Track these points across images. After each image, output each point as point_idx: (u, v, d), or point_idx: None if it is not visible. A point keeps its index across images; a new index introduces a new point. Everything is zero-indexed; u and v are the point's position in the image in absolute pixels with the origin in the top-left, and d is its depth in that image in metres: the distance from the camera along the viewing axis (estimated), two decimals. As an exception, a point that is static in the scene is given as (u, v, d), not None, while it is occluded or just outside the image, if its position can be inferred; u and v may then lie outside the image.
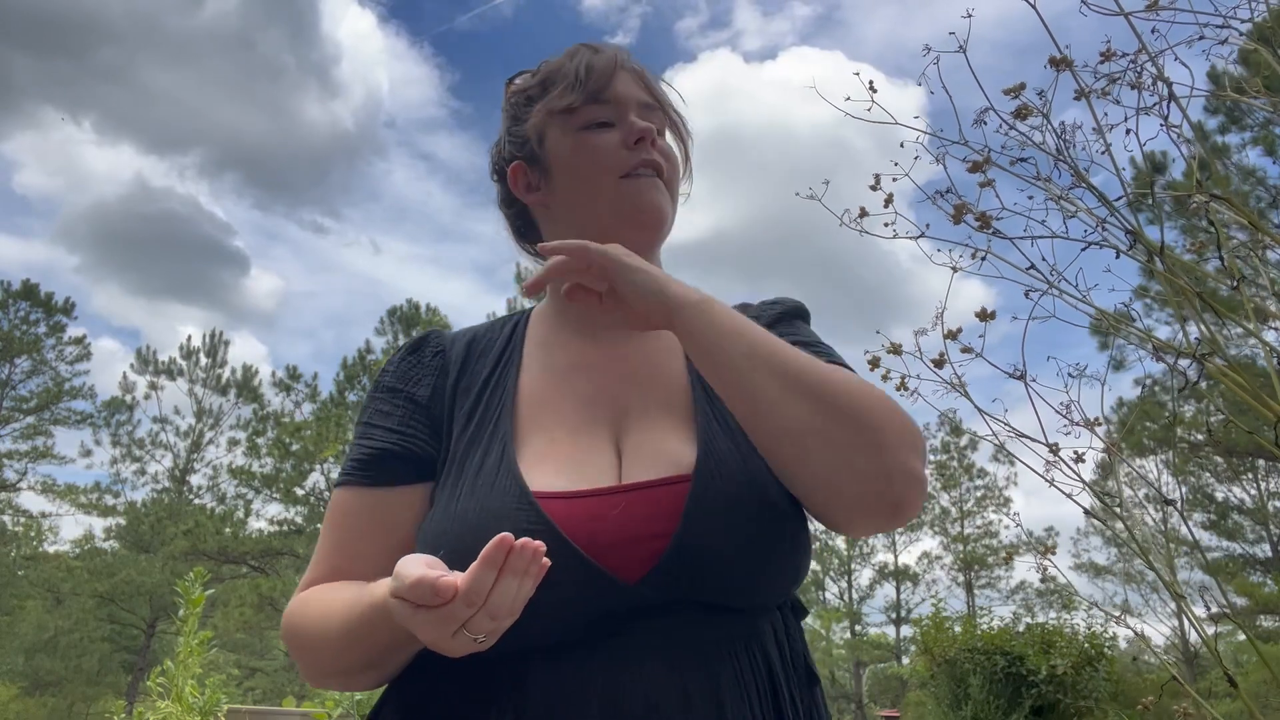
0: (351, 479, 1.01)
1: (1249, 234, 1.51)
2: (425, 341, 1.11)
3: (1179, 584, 1.44)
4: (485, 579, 0.70)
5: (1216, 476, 24.22)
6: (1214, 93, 1.51)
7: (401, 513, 0.99)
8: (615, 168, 1.04)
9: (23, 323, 28.26)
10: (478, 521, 0.88)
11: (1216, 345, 1.39)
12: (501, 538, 0.70)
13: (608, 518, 0.87)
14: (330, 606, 0.92)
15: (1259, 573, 23.27)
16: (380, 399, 1.06)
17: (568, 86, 1.06)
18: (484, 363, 1.08)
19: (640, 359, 1.07)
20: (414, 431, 1.02)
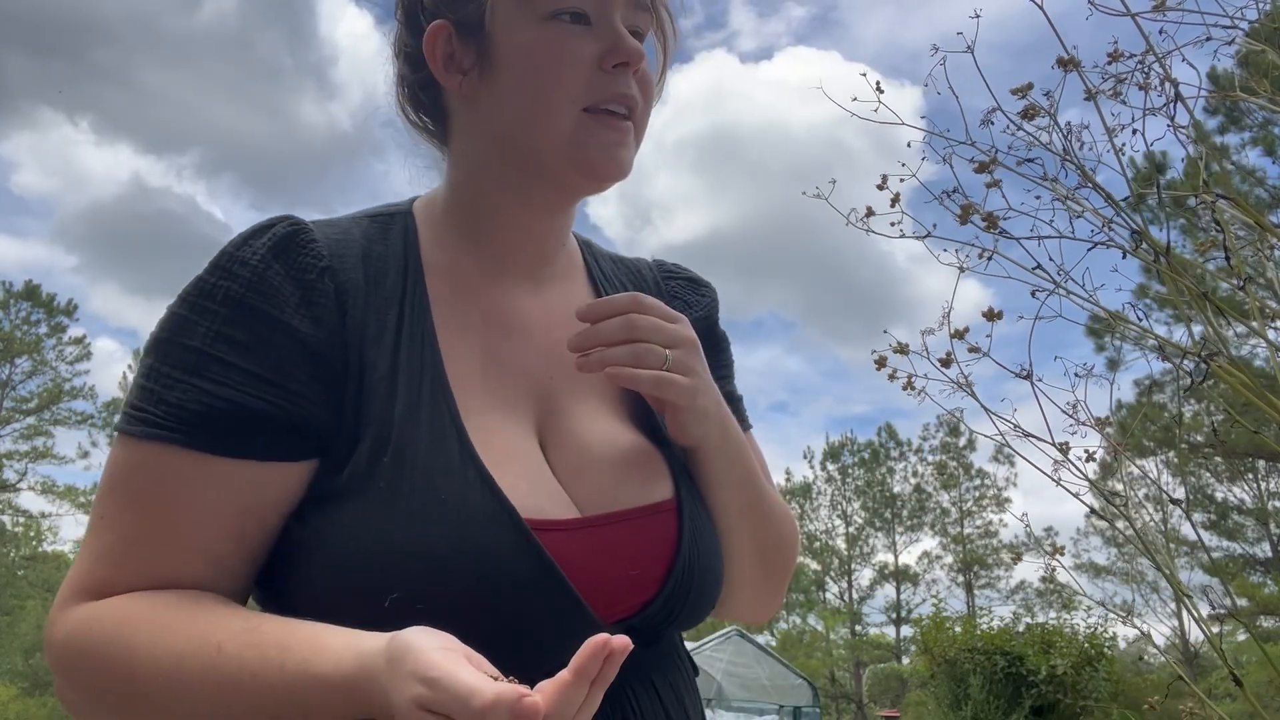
0: (176, 437, 0.69)
1: (1255, 233, 1.51)
2: (296, 244, 0.76)
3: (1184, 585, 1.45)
4: (578, 697, 0.54)
5: (1216, 476, 24.24)
6: (1217, 93, 1.51)
7: (264, 496, 0.71)
8: (580, 93, 0.79)
9: (24, 323, 28.28)
10: (453, 559, 0.67)
11: (1221, 344, 1.39)
12: (601, 643, 0.54)
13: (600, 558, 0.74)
14: (188, 644, 0.64)
15: (1259, 573, 23.30)
16: (227, 318, 0.72)
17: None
18: (386, 297, 0.79)
19: (559, 320, 0.87)
20: (300, 389, 0.72)
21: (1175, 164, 4.05)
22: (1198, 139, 1.42)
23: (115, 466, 0.71)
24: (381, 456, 0.71)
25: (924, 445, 34.75)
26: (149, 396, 0.71)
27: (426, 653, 0.56)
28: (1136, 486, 1.72)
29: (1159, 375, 13.44)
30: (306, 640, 0.62)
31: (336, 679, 0.60)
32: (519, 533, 0.70)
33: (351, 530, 0.68)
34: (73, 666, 0.68)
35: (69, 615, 0.69)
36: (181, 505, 0.69)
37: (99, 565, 0.70)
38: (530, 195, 0.84)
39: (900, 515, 35.10)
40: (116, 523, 0.70)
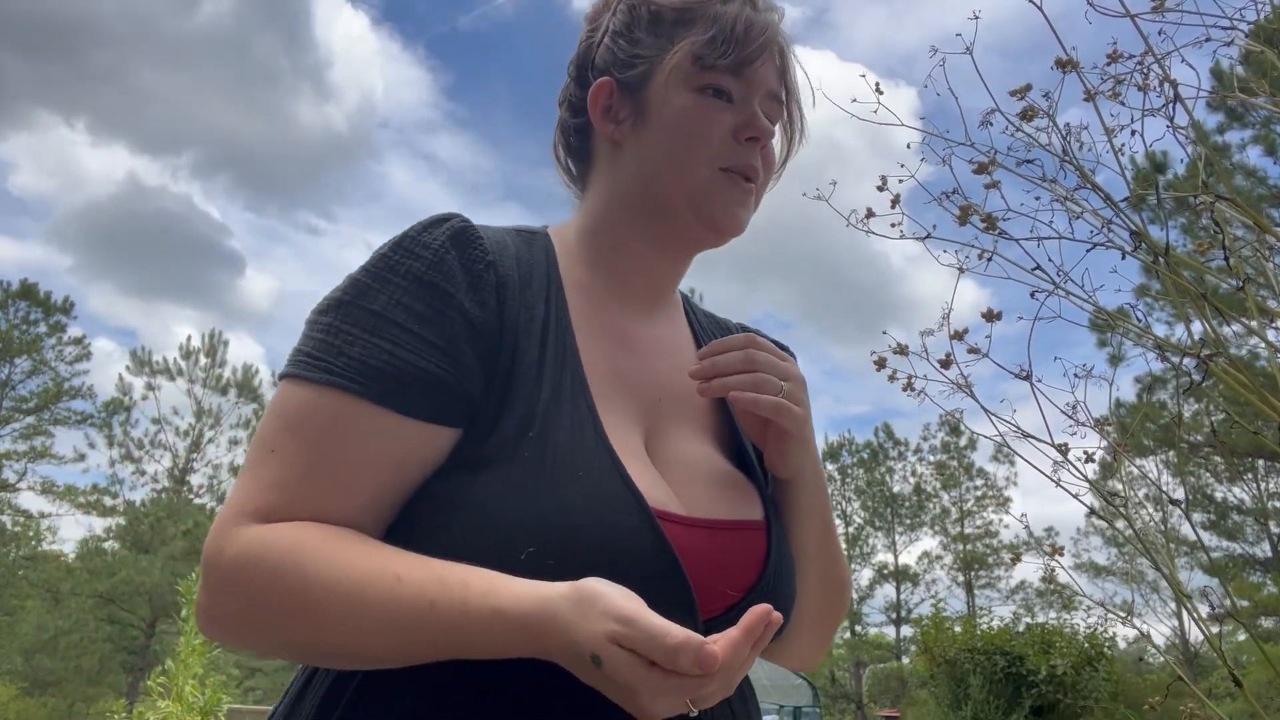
0: (355, 387, 0.76)
1: (1254, 233, 1.51)
2: (470, 238, 0.86)
3: (1183, 585, 1.44)
4: (744, 653, 0.63)
5: (1216, 476, 24.24)
6: (1219, 92, 1.51)
7: (422, 454, 0.78)
8: (715, 155, 0.91)
9: (22, 322, 28.26)
10: (589, 530, 0.74)
11: (1220, 344, 1.39)
12: (766, 610, 0.64)
13: (708, 556, 0.82)
14: (361, 572, 0.70)
15: (1259, 573, 23.29)
16: (409, 290, 0.80)
17: (715, 39, 0.91)
18: (533, 296, 0.88)
19: (664, 354, 0.98)
20: (466, 359, 0.80)
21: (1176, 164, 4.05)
22: (1197, 139, 1.42)
23: (289, 406, 0.78)
24: (527, 432, 0.79)
25: (923, 445, 34.76)
26: (328, 349, 0.77)
27: (619, 597, 0.65)
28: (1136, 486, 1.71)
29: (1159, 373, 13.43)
30: (485, 578, 0.69)
31: (514, 614, 0.67)
32: (644, 514, 0.77)
33: (498, 493, 0.75)
34: (242, 582, 0.72)
35: (240, 534, 0.73)
36: (350, 449, 0.75)
37: (268, 492, 0.75)
38: (657, 236, 0.96)
39: (900, 515, 35.10)
40: (288, 456, 0.76)
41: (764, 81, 0.94)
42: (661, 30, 0.94)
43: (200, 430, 29.60)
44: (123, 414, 28.82)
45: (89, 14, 37.71)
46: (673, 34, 0.94)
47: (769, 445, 0.93)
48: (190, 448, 29.45)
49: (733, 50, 0.91)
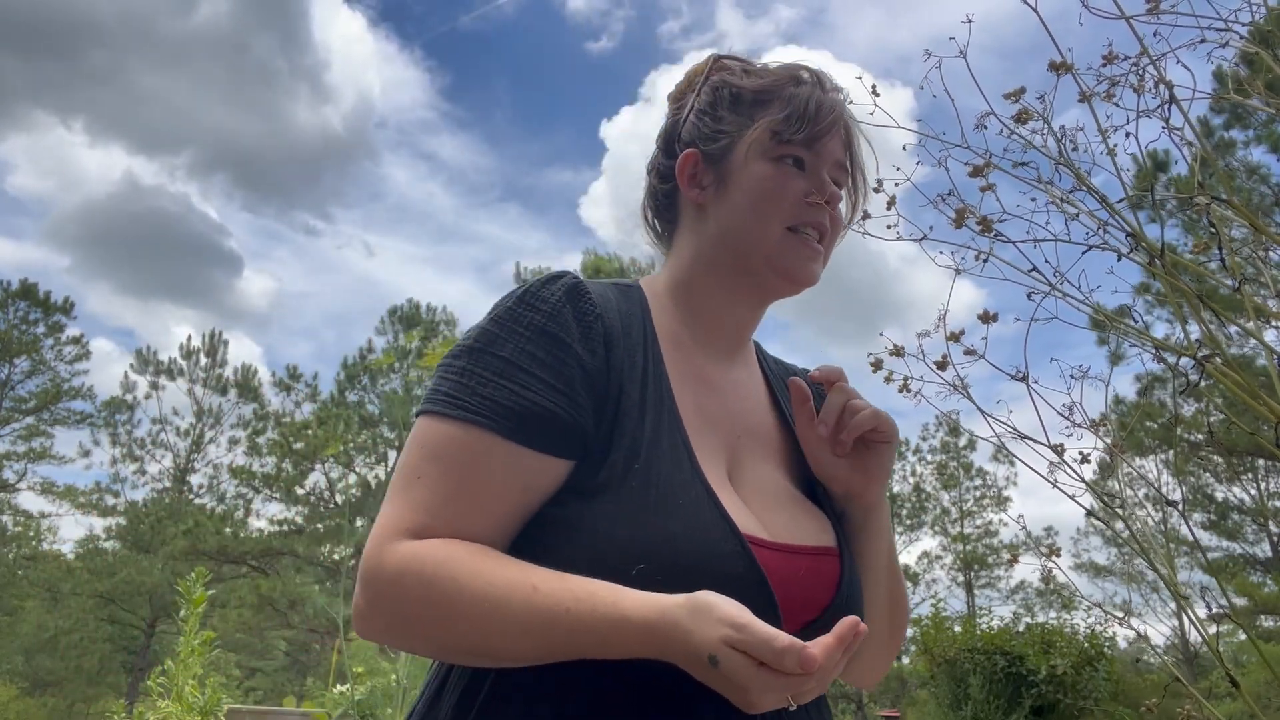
0: (488, 423, 0.88)
1: (1251, 234, 1.52)
2: (581, 293, 0.98)
3: (1181, 585, 1.45)
4: (837, 657, 0.73)
5: (1216, 476, 24.24)
6: (1218, 94, 1.51)
7: (543, 483, 0.90)
8: (788, 216, 1.04)
9: (21, 322, 28.28)
10: (690, 552, 0.85)
11: (1217, 345, 1.40)
12: (856, 623, 0.74)
13: (791, 578, 0.92)
14: (504, 583, 0.81)
15: (1259, 573, 23.29)
16: (532, 340, 0.92)
17: (790, 118, 1.05)
18: (633, 344, 1.00)
19: (742, 396, 1.10)
20: (581, 400, 0.91)
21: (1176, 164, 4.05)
22: (1195, 139, 1.42)
23: (432, 439, 0.89)
24: (633, 465, 0.90)
25: (923, 445, 34.75)
26: (464, 390, 0.89)
27: (731, 606, 0.75)
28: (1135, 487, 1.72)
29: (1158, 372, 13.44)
30: (609, 589, 0.80)
31: (638, 620, 0.77)
32: (737, 539, 0.89)
33: (611, 517, 0.87)
34: (401, 591, 0.83)
35: (398, 549, 0.84)
36: (485, 477, 0.87)
37: (418, 513, 0.86)
38: (737, 288, 1.08)
39: (900, 515, 35.13)
40: (433, 482, 0.87)
41: (832, 153, 1.07)
42: (742, 109, 1.08)
43: (201, 430, 29.63)
44: (125, 413, 28.84)
45: (86, 15, 37.66)
46: (752, 112, 1.07)
47: (856, 476, 1.05)
48: (191, 447, 29.47)
49: (805, 127, 1.04)
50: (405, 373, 25.93)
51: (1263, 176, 17.60)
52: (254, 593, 23.33)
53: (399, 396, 24.60)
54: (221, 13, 39.56)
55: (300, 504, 26.36)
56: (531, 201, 50.43)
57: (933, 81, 1.43)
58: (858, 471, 1.05)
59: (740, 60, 1.13)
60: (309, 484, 26.31)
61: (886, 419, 1.04)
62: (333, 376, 27.67)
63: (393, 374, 26.34)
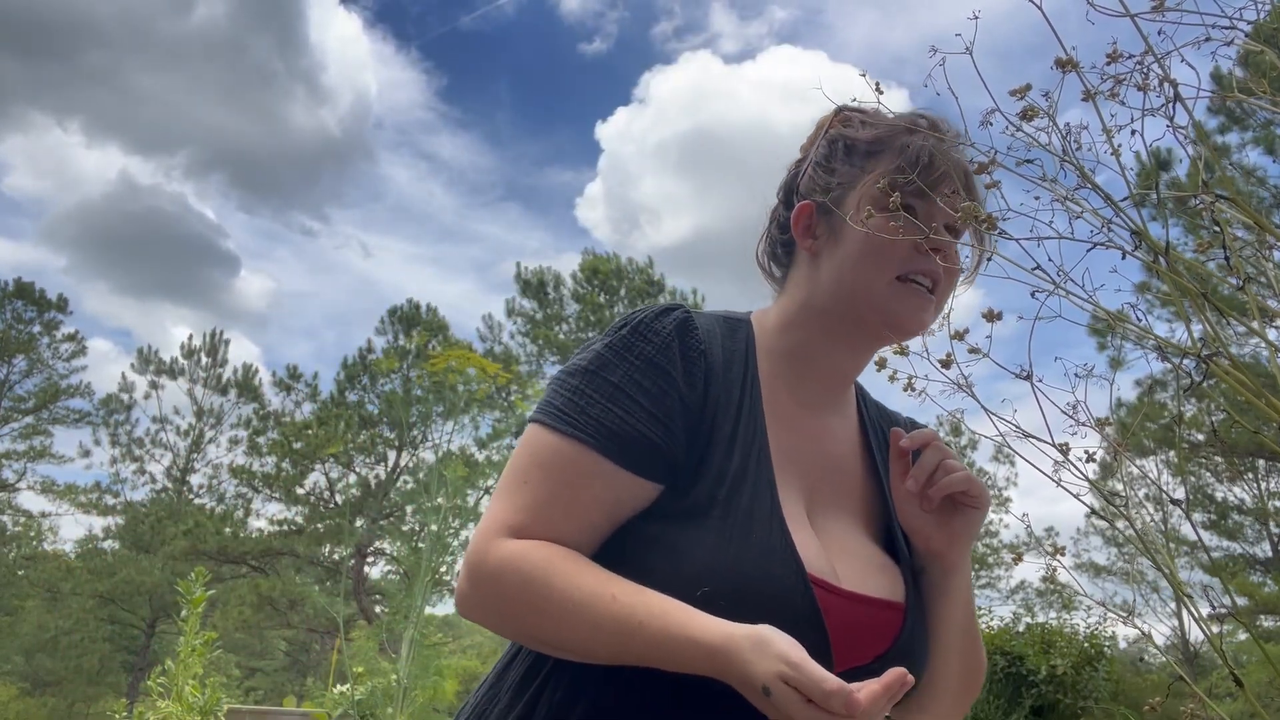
0: (592, 442, 0.95)
1: (1254, 233, 1.52)
2: (690, 328, 1.03)
3: (1184, 584, 1.45)
4: (883, 705, 0.77)
5: (1216, 476, 24.24)
6: (1218, 94, 1.51)
7: (632, 500, 0.96)
8: (898, 264, 1.05)
9: (17, 321, 28.27)
10: (756, 584, 0.91)
11: (1221, 344, 1.40)
12: (903, 675, 0.78)
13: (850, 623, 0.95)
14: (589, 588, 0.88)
15: (1259, 573, 23.29)
16: (640, 369, 0.99)
17: (902, 169, 1.05)
18: (732, 379, 1.05)
19: (832, 441, 1.12)
20: (677, 430, 0.98)
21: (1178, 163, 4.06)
22: (1198, 139, 1.42)
23: (540, 447, 0.97)
24: (718, 494, 0.96)
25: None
26: (574, 408, 0.96)
27: (790, 644, 0.80)
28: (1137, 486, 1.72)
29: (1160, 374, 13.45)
30: (681, 610, 0.86)
31: (703, 642, 0.83)
32: (801, 576, 0.93)
33: (691, 540, 0.93)
34: (502, 583, 0.91)
35: (502, 545, 0.92)
36: (583, 488, 0.94)
37: (521, 513, 0.94)
38: (844, 335, 1.10)
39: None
40: (537, 487, 0.95)
41: (942, 209, 1.06)
42: (855, 160, 1.09)
43: (201, 430, 29.62)
44: (124, 412, 28.83)
45: (83, 15, 37.57)
46: (865, 163, 1.09)
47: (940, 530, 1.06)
48: (190, 447, 29.46)
49: (917, 172, 1.05)
50: (405, 373, 25.92)
51: (1260, 179, 17.60)
52: (254, 593, 23.32)
53: (399, 396, 24.60)
54: (218, 14, 39.50)
55: (300, 504, 26.35)
56: (532, 201, 50.40)
57: (936, 79, 1.43)
58: (942, 530, 1.07)
59: (862, 111, 1.14)
60: (309, 484, 26.30)
61: (979, 485, 1.05)
62: (333, 376, 27.65)
63: (393, 375, 26.33)
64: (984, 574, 33.06)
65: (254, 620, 24.16)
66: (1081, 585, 1.24)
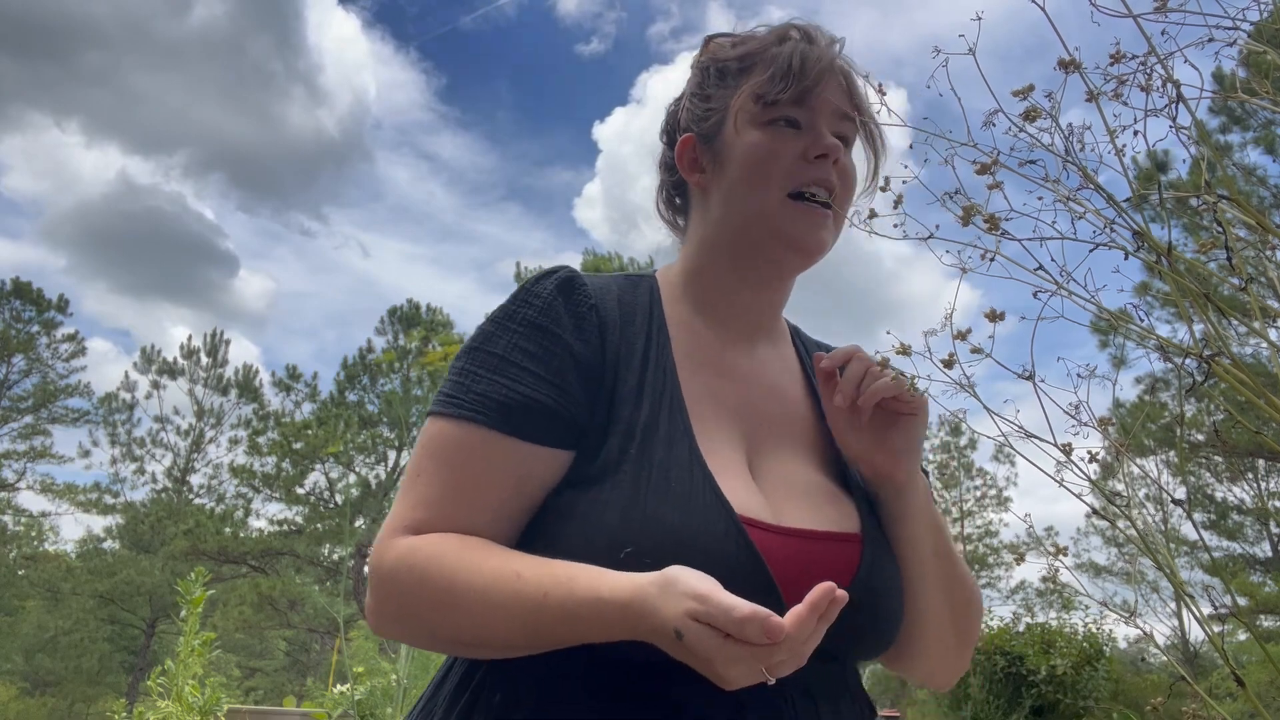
0: (480, 418, 0.88)
1: (1256, 234, 1.52)
2: (575, 285, 0.97)
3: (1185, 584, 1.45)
4: (810, 626, 0.69)
5: (1216, 476, 24.24)
6: (1220, 94, 1.51)
7: (542, 473, 0.89)
8: (786, 181, 0.97)
9: (16, 320, 28.26)
10: (681, 535, 0.82)
11: (1224, 344, 1.40)
12: (832, 590, 0.70)
13: (798, 563, 0.87)
14: (490, 571, 0.81)
15: (1259, 573, 23.29)
16: (523, 334, 0.92)
17: (773, 77, 0.98)
18: (635, 332, 0.98)
19: (768, 373, 1.05)
20: (573, 390, 0.91)
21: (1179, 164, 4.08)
22: (1200, 139, 1.42)
23: (431, 438, 0.90)
24: (628, 449, 0.89)
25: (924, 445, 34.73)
26: (460, 388, 0.90)
27: (696, 579, 0.72)
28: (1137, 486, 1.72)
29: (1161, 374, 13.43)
30: (588, 572, 0.79)
31: (613, 600, 0.75)
32: (731, 520, 0.85)
33: (604, 502, 0.85)
34: (398, 584, 0.84)
35: (396, 544, 0.86)
36: (480, 470, 0.88)
37: (417, 509, 0.88)
38: (745, 270, 1.02)
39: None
40: (431, 479, 0.88)
41: (828, 104, 0.99)
42: (728, 81, 1.03)
43: (201, 430, 29.62)
44: (125, 412, 28.83)
45: (81, 16, 37.65)
46: (738, 82, 1.02)
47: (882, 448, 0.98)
48: (191, 447, 29.46)
49: (792, 83, 0.97)
50: (405, 372, 25.92)
51: (1261, 179, 17.59)
52: (254, 592, 23.31)
53: (399, 396, 24.59)
54: (216, 15, 39.56)
55: (300, 504, 26.35)
56: (532, 201, 50.48)
57: (939, 80, 1.43)
58: (883, 447, 0.98)
59: (731, 35, 1.07)
60: (309, 484, 26.28)
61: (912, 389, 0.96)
62: (332, 376, 27.66)
63: (393, 374, 26.33)
64: (984, 574, 33.06)
65: (254, 620, 24.15)
66: (1082, 585, 1.22)
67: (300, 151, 44.69)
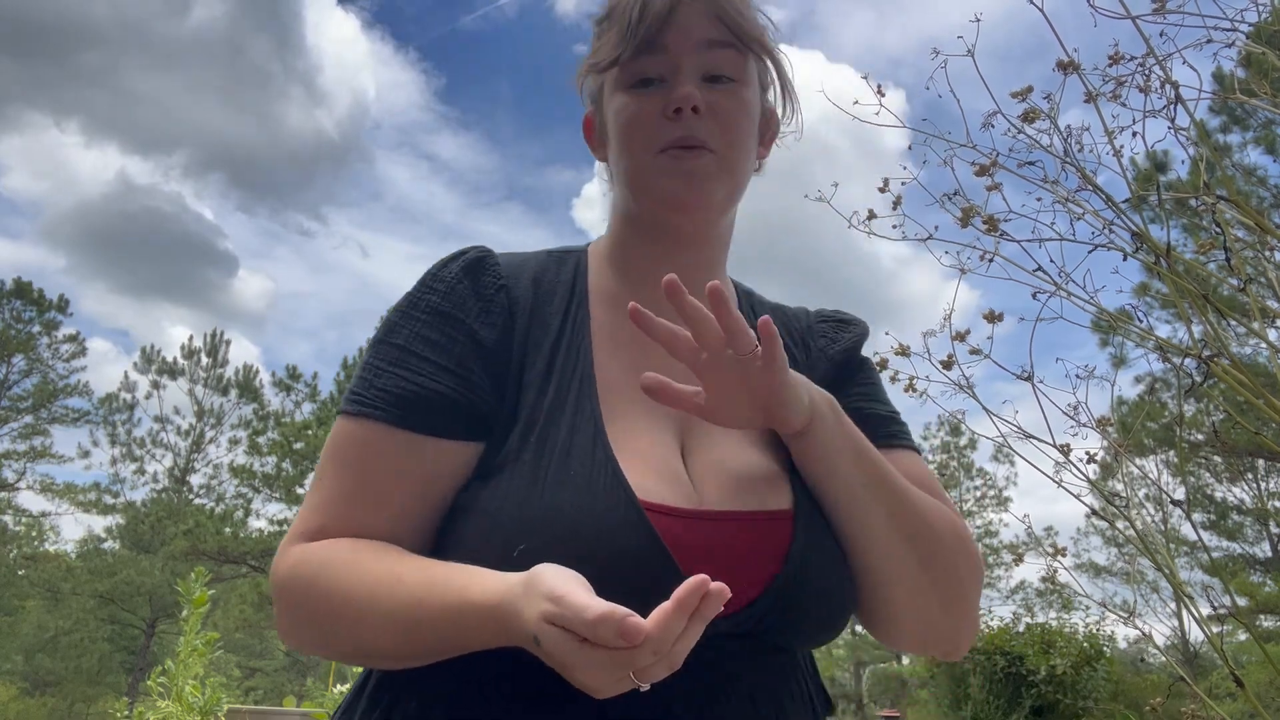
0: (380, 414, 0.84)
1: (1255, 234, 1.51)
2: (483, 266, 0.93)
3: (1184, 584, 1.45)
4: (677, 626, 0.61)
5: (1216, 476, 24.23)
6: (1220, 94, 1.51)
7: (452, 469, 0.84)
8: (653, 141, 0.90)
9: (16, 320, 28.24)
10: (577, 525, 0.76)
11: (1222, 345, 1.39)
12: (700, 582, 0.61)
13: (710, 548, 0.80)
14: (378, 577, 0.77)
15: (1259, 573, 23.28)
16: (425, 322, 0.88)
17: (618, 33, 0.91)
18: (550, 312, 0.93)
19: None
20: (476, 380, 0.86)
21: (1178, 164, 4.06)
22: (1199, 140, 1.41)
23: (334, 437, 0.86)
24: (529, 438, 0.84)
25: (923, 445, 34.76)
26: (363, 384, 0.86)
27: (556, 576, 0.66)
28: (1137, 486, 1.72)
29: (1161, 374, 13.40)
30: (465, 574, 0.74)
31: (484, 605, 0.70)
32: (633, 509, 0.78)
33: (501, 495, 0.80)
34: (289, 594, 0.81)
35: (291, 553, 0.82)
36: (379, 469, 0.83)
37: (315, 515, 0.84)
38: (649, 235, 0.97)
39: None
40: (331, 482, 0.84)
41: (689, 38, 0.90)
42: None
43: (201, 430, 29.61)
44: (125, 412, 28.83)
45: (80, 17, 37.68)
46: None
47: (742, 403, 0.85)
48: (191, 447, 29.45)
49: (630, 38, 0.89)
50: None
51: (1261, 179, 17.59)
52: (254, 592, 23.31)
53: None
54: (215, 15, 39.62)
55: (300, 504, 26.33)
56: (533, 201, 50.45)
57: (938, 81, 1.43)
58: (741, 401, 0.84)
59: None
60: (309, 484, 26.29)
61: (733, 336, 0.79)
62: (332, 376, 27.67)
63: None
64: (984, 574, 33.01)
65: (254, 620, 24.13)
66: (1081, 585, 1.22)
67: (299, 152, 44.75)
